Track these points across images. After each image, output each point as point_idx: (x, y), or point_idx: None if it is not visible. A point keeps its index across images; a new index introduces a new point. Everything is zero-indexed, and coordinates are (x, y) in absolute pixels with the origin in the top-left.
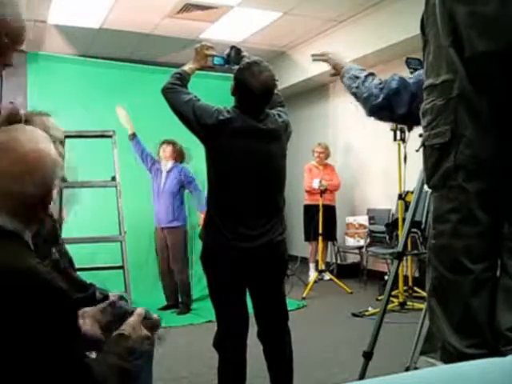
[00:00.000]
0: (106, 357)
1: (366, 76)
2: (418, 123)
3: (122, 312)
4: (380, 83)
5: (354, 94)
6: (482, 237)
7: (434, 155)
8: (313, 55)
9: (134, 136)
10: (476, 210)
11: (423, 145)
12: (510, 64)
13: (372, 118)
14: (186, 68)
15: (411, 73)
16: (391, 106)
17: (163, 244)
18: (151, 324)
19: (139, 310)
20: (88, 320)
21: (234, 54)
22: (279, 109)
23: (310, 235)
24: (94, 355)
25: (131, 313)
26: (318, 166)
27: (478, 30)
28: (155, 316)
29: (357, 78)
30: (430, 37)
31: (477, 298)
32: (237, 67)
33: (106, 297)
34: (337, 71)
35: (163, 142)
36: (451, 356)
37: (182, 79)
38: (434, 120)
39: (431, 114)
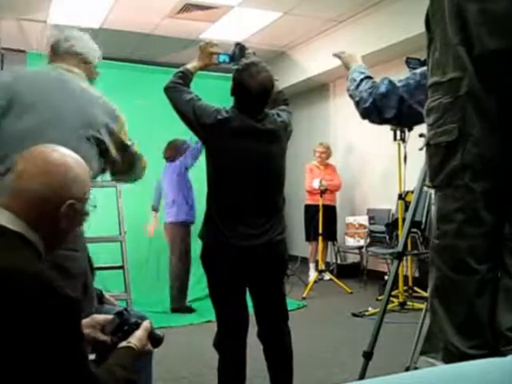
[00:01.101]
0: (113, 368)
1: (362, 79)
2: (408, 125)
3: (128, 324)
4: (370, 87)
5: (351, 96)
6: (486, 237)
7: (439, 154)
8: (333, 54)
9: None
10: (481, 210)
11: (428, 143)
12: None
13: (367, 120)
14: (190, 66)
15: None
16: (379, 110)
17: (168, 241)
18: (155, 340)
19: (146, 324)
20: (97, 326)
21: (239, 52)
22: (282, 107)
23: (311, 235)
24: (92, 356)
25: (138, 325)
26: (319, 165)
27: (489, 27)
28: (159, 333)
29: (354, 81)
30: (436, 34)
31: (481, 299)
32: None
33: (100, 297)
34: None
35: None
36: (453, 357)
37: (185, 78)
38: (441, 118)
39: (437, 111)
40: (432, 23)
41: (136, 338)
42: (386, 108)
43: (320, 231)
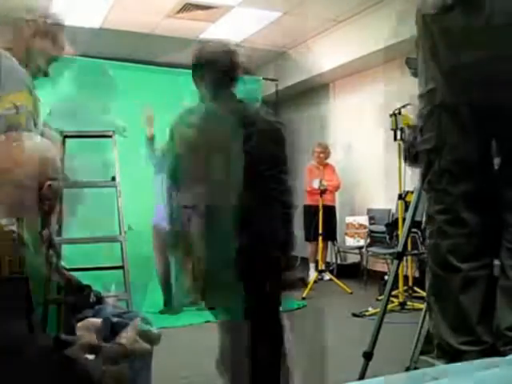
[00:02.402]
0: (106, 365)
1: None
2: None
3: (116, 328)
4: None
5: None
6: (469, 237)
7: (424, 160)
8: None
9: (153, 138)
10: (462, 211)
11: (417, 151)
12: (484, 73)
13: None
14: None
15: (412, 73)
16: None
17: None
18: (151, 338)
19: (134, 323)
20: (91, 328)
21: None
22: None
23: (310, 235)
24: (92, 357)
25: (125, 325)
26: (318, 166)
27: (448, 46)
28: (155, 330)
29: None
30: (419, 49)
31: (466, 296)
32: None
33: (99, 299)
34: None
35: None
36: (446, 353)
37: None
38: (423, 127)
39: (421, 121)
40: (417, 39)
41: (123, 336)
42: None
43: (320, 231)
